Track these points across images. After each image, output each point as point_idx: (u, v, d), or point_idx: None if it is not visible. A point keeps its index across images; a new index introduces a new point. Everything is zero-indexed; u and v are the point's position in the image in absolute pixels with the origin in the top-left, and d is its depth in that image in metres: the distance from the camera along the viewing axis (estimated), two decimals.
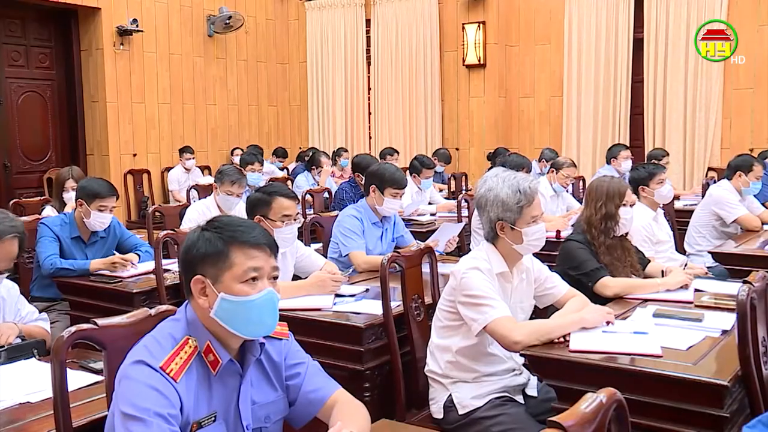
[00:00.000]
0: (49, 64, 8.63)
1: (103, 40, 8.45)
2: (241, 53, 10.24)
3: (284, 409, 1.96)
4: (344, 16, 10.40)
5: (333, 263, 3.81)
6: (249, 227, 1.85)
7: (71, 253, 4.11)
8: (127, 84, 8.74)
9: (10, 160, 8.26)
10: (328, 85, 10.64)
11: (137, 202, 8.91)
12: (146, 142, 9.06)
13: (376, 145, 10.28)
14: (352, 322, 3.02)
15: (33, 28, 8.44)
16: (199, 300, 1.80)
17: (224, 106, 10.05)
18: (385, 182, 4.22)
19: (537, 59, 9.55)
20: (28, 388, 2.24)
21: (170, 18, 9.23)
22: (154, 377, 1.69)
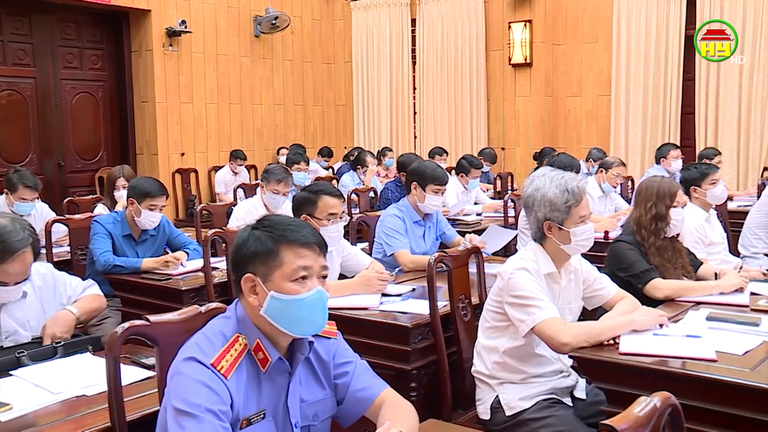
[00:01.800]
0: (102, 65, 8.82)
1: (152, 41, 8.61)
2: (287, 53, 10.32)
3: (332, 408, 1.97)
4: (389, 16, 10.41)
5: (379, 263, 3.82)
6: (299, 226, 1.86)
7: (122, 251, 4.19)
8: (175, 84, 8.88)
9: (64, 159, 8.48)
10: (373, 85, 10.66)
11: (185, 201, 9.04)
12: (194, 142, 9.20)
13: (421, 145, 10.27)
14: (399, 321, 3.02)
15: (87, 30, 8.64)
16: (249, 298, 1.82)
17: (270, 106, 10.14)
18: (426, 179, 4.21)
19: (584, 58, 9.43)
20: (84, 382, 2.28)
21: (218, 19, 9.35)
22: (205, 374, 1.71)
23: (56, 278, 2.93)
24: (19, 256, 2.54)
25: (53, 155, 8.39)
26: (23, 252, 2.55)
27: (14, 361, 2.49)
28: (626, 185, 7.10)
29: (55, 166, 8.38)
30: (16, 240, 2.53)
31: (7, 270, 2.54)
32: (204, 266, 3.82)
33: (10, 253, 2.52)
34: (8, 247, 2.51)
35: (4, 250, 2.51)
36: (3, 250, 2.51)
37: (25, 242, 2.55)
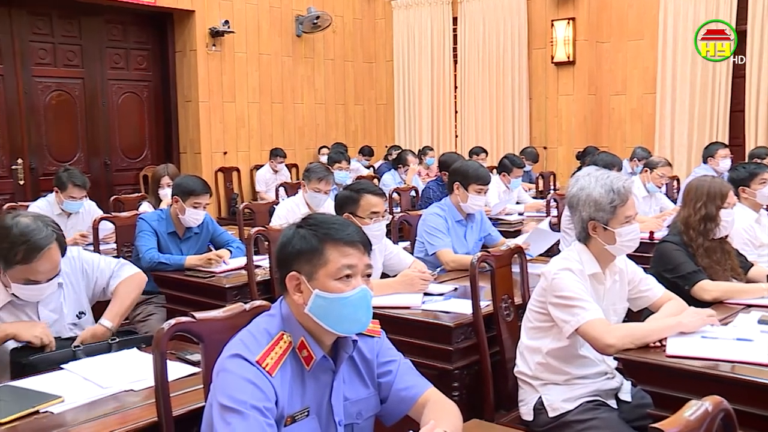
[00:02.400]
0: (147, 65, 8.96)
1: (196, 41, 8.73)
2: (328, 52, 10.36)
3: (376, 406, 1.97)
4: (431, 14, 10.39)
5: (421, 262, 3.81)
6: (343, 225, 1.87)
7: (167, 248, 4.25)
8: (218, 84, 8.98)
9: (110, 158, 8.64)
10: (415, 84, 10.65)
11: (227, 199, 9.14)
12: (236, 141, 9.29)
13: (462, 144, 10.23)
14: (442, 321, 3.02)
15: (133, 31, 8.79)
16: (293, 296, 1.83)
17: (312, 105, 10.19)
18: (469, 178, 4.19)
19: (629, 55, 9.29)
20: (132, 377, 2.32)
21: (260, 19, 9.43)
22: (250, 371, 1.73)
23: (83, 260, 2.91)
24: (46, 253, 2.54)
25: (100, 154, 8.55)
26: (49, 249, 2.54)
27: (70, 355, 2.54)
28: (672, 185, 6.99)
29: (101, 164, 8.54)
30: (41, 237, 2.52)
31: (37, 269, 2.54)
32: (247, 264, 3.86)
33: (36, 251, 2.51)
34: (34, 245, 2.51)
35: (30, 249, 2.51)
36: (29, 249, 2.50)
37: (49, 239, 2.55)
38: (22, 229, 2.52)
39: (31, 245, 2.51)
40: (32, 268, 2.54)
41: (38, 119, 8.00)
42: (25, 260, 2.52)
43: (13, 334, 2.55)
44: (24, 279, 2.56)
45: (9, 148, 7.80)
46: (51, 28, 8.06)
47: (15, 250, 2.51)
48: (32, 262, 2.53)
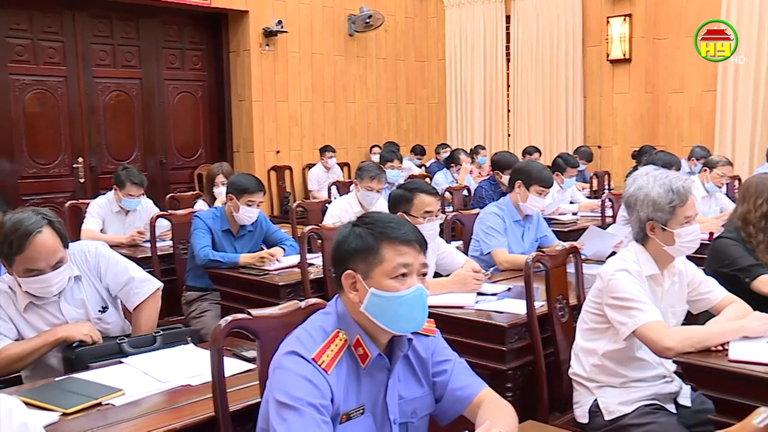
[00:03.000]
0: (201, 65, 9.11)
1: (250, 41, 8.84)
2: (380, 51, 10.39)
3: (430, 405, 1.97)
4: (483, 13, 10.33)
5: (474, 261, 3.80)
6: (399, 224, 1.87)
7: (221, 245, 4.31)
8: (271, 83, 9.08)
9: (166, 157, 8.80)
10: (467, 82, 10.61)
11: (279, 198, 9.23)
12: (289, 140, 9.38)
13: (514, 143, 10.16)
14: (495, 321, 3.00)
15: (188, 32, 8.94)
16: (349, 294, 1.84)
17: (364, 104, 10.23)
18: (531, 179, 4.16)
19: (688, 52, 9.05)
20: (189, 372, 2.36)
21: (313, 18, 9.50)
22: (306, 368, 1.74)
23: (100, 258, 2.90)
24: (35, 237, 2.54)
25: (156, 153, 8.72)
26: (38, 232, 2.55)
27: (116, 348, 2.59)
28: (732, 185, 6.81)
29: (157, 163, 8.71)
30: (29, 224, 2.55)
31: (31, 255, 2.56)
32: (300, 262, 3.89)
33: (26, 237, 2.54)
34: (23, 232, 2.54)
35: (20, 237, 2.54)
36: (19, 237, 2.54)
37: (38, 224, 2.57)
38: (13, 222, 2.57)
39: (20, 233, 2.54)
40: (27, 255, 2.56)
41: (98, 119, 8.21)
42: (18, 249, 2.55)
43: (64, 337, 2.61)
44: (24, 270, 2.58)
45: (70, 148, 8.01)
46: (111, 30, 8.26)
47: (8, 241, 2.55)
48: (25, 250, 2.55)
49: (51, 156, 7.91)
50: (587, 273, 3.20)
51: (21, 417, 1.52)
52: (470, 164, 8.36)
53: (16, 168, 7.67)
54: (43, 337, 2.61)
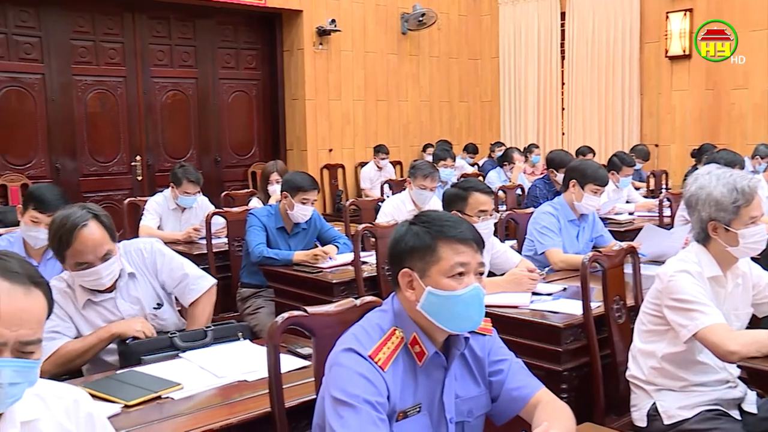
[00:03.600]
0: (256, 65, 9.22)
1: (303, 40, 8.92)
2: (433, 50, 10.36)
3: (486, 405, 1.96)
4: (538, 10, 10.23)
5: (528, 261, 3.76)
6: (456, 222, 1.86)
7: (276, 243, 4.35)
8: (324, 82, 9.14)
9: (221, 155, 8.93)
10: (520, 80, 10.52)
11: (332, 196, 9.29)
12: (341, 138, 9.42)
13: (569, 141, 10.03)
14: (551, 321, 2.97)
15: (243, 32, 9.06)
16: (406, 293, 1.84)
17: (416, 103, 10.22)
18: (587, 178, 4.10)
19: (752, 47, 8.79)
20: (245, 368, 2.39)
21: (366, 17, 9.52)
22: (363, 365, 1.75)
23: (156, 255, 2.95)
24: (81, 230, 2.60)
25: (211, 151, 8.86)
26: (84, 225, 2.61)
27: (167, 342, 2.63)
28: None
29: (212, 161, 8.85)
30: (75, 218, 2.61)
31: (78, 248, 2.61)
32: (354, 260, 3.90)
33: (72, 231, 2.60)
34: (70, 226, 2.60)
35: (67, 231, 2.60)
36: (66, 232, 2.60)
37: (84, 217, 2.62)
38: (61, 218, 2.65)
39: (67, 227, 2.61)
40: (74, 249, 2.61)
41: (155, 118, 8.37)
42: (67, 244, 2.61)
43: (118, 333, 2.67)
44: (75, 263, 2.64)
45: (129, 146, 8.19)
46: (168, 30, 8.42)
47: (57, 237, 2.63)
48: (73, 243, 2.61)
49: (110, 154, 8.11)
50: (645, 274, 3.15)
51: (87, 408, 1.56)
52: (524, 163, 8.29)
53: (78, 166, 7.88)
54: (98, 334, 2.68)
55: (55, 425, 1.50)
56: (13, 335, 1.36)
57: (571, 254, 3.97)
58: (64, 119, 7.73)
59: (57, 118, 7.68)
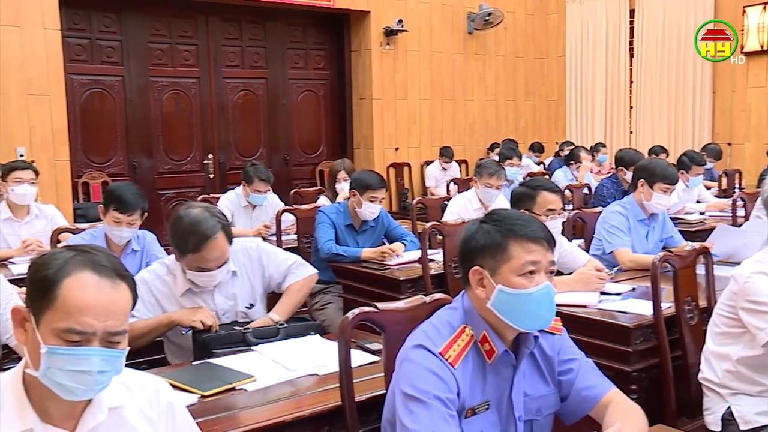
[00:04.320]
0: (324, 65, 9.30)
1: (371, 40, 8.95)
2: (499, 49, 10.28)
3: (555, 404, 1.94)
4: (606, 8, 10.03)
5: (596, 260, 3.70)
6: (527, 221, 1.84)
7: (344, 240, 4.39)
8: (391, 81, 9.15)
9: (290, 154, 9.04)
10: (587, 79, 10.35)
11: (398, 194, 9.30)
12: (408, 137, 9.43)
13: (637, 140, 9.82)
14: (620, 321, 2.90)
15: (311, 33, 9.16)
16: (476, 290, 1.83)
17: (482, 102, 10.15)
18: (655, 177, 4.00)
19: None
20: (316, 362, 2.42)
21: (433, 17, 9.50)
22: (433, 362, 1.75)
23: (261, 252, 3.02)
24: (212, 242, 2.67)
25: (280, 150, 8.98)
26: (215, 238, 2.67)
27: (240, 338, 2.67)
28: None
29: (281, 159, 8.97)
30: (207, 227, 2.66)
31: (205, 256, 2.69)
32: (421, 257, 3.90)
33: (204, 240, 2.65)
34: (201, 235, 2.65)
35: (199, 238, 2.65)
36: (197, 239, 2.65)
37: (215, 228, 2.68)
38: (191, 220, 2.68)
39: (199, 235, 2.66)
40: (201, 256, 2.69)
41: (227, 118, 8.53)
42: (195, 249, 2.67)
43: (176, 321, 2.72)
44: (196, 267, 2.72)
45: (201, 145, 8.38)
46: (240, 32, 8.57)
47: (185, 240, 2.68)
48: (201, 251, 2.67)
49: (184, 153, 8.30)
50: (718, 275, 3.06)
51: (168, 397, 1.61)
52: (590, 162, 8.15)
53: (154, 164, 8.09)
54: (159, 319, 2.74)
55: (138, 412, 1.55)
56: (101, 326, 1.41)
57: (640, 254, 3.88)
58: (141, 119, 7.95)
59: (135, 118, 7.91)
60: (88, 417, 1.48)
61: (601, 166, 8.38)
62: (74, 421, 1.47)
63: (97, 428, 1.48)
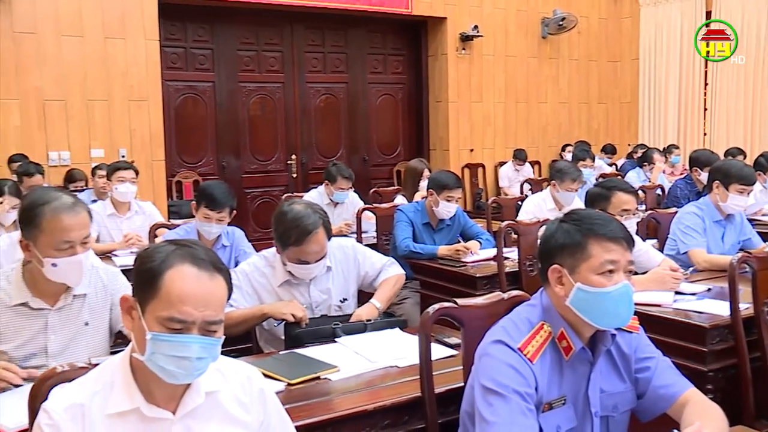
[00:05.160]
0: (402, 69, 9.30)
1: (447, 46, 8.91)
2: (572, 53, 10.08)
3: (632, 401, 1.89)
4: (681, 10, 9.69)
5: (671, 260, 3.59)
6: (607, 221, 1.81)
7: (421, 237, 4.39)
8: (467, 85, 9.10)
9: (368, 155, 9.09)
10: (661, 82, 10.02)
11: (472, 194, 9.23)
12: (482, 139, 9.35)
13: (711, 142, 9.47)
14: (695, 321, 2.81)
15: (390, 39, 9.18)
16: (555, 288, 1.81)
17: (555, 104, 9.98)
18: (731, 178, 3.85)
19: None
20: (396, 354, 2.42)
21: (507, 22, 9.40)
22: (512, 357, 1.73)
23: (357, 251, 3.07)
24: (314, 236, 2.72)
25: (359, 151, 9.04)
26: (316, 233, 2.72)
27: (330, 332, 2.69)
28: None
29: (360, 160, 9.02)
30: (310, 222, 2.72)
31: (306, 250, 2.74)
32: (497, 255, 3.87)
33: (306, 234, 2.71)
34: (304, 229, 2.71)
35: (301, 232, 2.71)
36: (300, 233, 2.71)
37: (317, 224, 2.73)
38: (295, 215, 2.74)
39: (301, 229, 2.71)
40: (302, 249, 2.74)
41: (309, 120, 8.64)
42: (297, 242, 2.73)
43: (269, 313, 2.76)
44: (296, 259, 2.77)
45: (285, 146, 8.51)
46: (322, 39, 8.66)
47: (289, 233, 2.73)
48: (303, 244, 2.73)
49: (269, 153, 8.45)
50: None
51: (259, 383, 1.64)
52: (663, 163, 7.91)
53: (241, 164, 8.27)
54: (253, 311, 2.78)
55: (232, 397, 1.59)
56: (200, 315, 1.45)
57: (716, 255, 3.75)
58: (230, 122, 8.14)
59: (224, 121, 8.10)
60: (187, 399, 1.52)
61: (673, 167, 8.14)
62: (175, 403, 1.52)
63: (195, 410, 1.52)
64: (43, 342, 2.28)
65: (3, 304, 2.26)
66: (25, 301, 2.27)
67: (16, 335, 2.26)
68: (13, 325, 2.26)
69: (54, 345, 2.28)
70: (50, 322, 2.29)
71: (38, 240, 2.20)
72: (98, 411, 1.46)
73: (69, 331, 2.31)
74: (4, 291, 2.27)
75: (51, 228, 2.18)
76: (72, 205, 2.21)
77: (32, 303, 2.27)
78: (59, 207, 2.19)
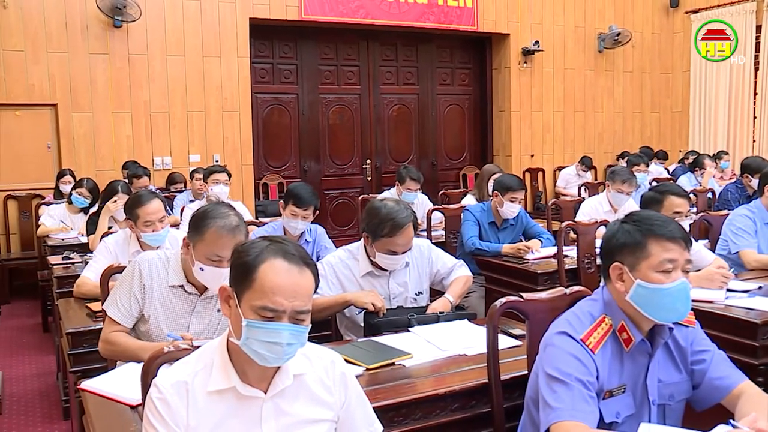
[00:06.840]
0: (468, 81, 9.25)
1: (510, 59, 8.83)
2: (627, 65, 9.82)
3: (687, 391, 1.84)
4: (732, 24, 9.30)
5: (722, 259, 3.46)
6: (666, 222, 1.76)
7: (487, 236, 4.35)
8: (528, 96, 8.98)
9: (437, 159, 9.07)
10: (711, 92, 9.65)
11: (532, 196, 9.10)
12: (542, 145, 9.22)
13: (760, 149, 9.07)
14: (747, 317, 2.70)
15: (458, 53, 9.14)
16: (616, 284, 1.77)
17: (610, 114, 9.76)
18: None
19: None
20: (464, 343, 2.41)
21: (566, 38, 9.24)
22: (575, 347, 1.71)
23: (431, 251, 3.07)
24: (405, 229, 2.75)
25: (428, 156, 9.03)
26: (407, 227, 2.75)
27: (405, 322, 2.69)
28: None
29: (429, 164, 9.01)
30: (402, 217, 2.75)
31: (396, 242, 2.76)
32: (557, 253, 3.81)
33: (398, 228, 2.74)
34: (397, 222, 2.73)
35: (394, 225, 2.73)
36: (393, 226, 2.74)
37: (408, 218, 2.76)
38: (389, 210, 2.77)
39: (395, 222, 2.74)
40: (393, 241, 2.76)
41: (382, 128, 8.69)
42: (389, 234, 2.75)
43: (351, 301, 2.76)
44: (386, 250, 2.79)
45: (361, 152, 8.58)
46: (396, 54, 8.70)
47: (383, 225, 2.75)
48: (394, 236, 2.75)
49: (346, 158, 8.52)
50: None
51: (341, 368, 1.65)
52: (714, 168, 7.62)
53: (321, 168, 8.37)
54: (336, 298, 2.80)
55: (317, 380, 1.60)
56: (290, 305, 1.47)
57: (766, 255, 3.60)
58: (311, 130, 8.25)
59: (306, 129, 8.22)
60: (277, 381, 1.54)
61: (723, 172, 7.84)
62: (266, 383, 1.54)
63: (284, 391, 1.54)
64: (186, 323, 2.35)
65: (163, 282, 2.35)
66: (181, 284, 2.35)
67: (167, 312, 2.34)
68: (169, 302, 2.34)
69: (194, 327, 2.35)
70: (197, 306, 2.36)
71: (197, 245, 2.26)
72: (200, 388, 1.49)
73: (208, 318, 2.38)
74: (165, 271, 2.35)
75: (210, 240, 2.22)
76: (233, 228, 2.24)
77: (187, 287, 2.35)
78: (223, 226, 2.22)
